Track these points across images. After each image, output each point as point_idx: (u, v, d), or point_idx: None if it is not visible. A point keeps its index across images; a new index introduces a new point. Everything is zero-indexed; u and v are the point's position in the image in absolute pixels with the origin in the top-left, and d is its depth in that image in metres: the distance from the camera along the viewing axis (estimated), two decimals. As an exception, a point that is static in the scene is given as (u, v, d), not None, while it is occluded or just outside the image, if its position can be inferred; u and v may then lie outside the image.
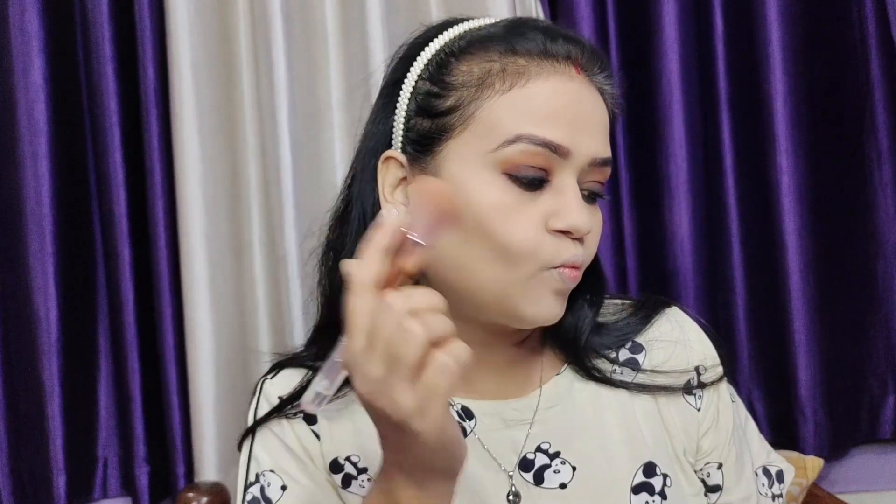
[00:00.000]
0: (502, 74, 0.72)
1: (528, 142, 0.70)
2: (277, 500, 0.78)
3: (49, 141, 1.31)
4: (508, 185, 0.71)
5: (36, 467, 1.31)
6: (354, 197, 0.77)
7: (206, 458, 1.28)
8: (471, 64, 0.74)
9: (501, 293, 0.72)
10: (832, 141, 1.23)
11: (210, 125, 1.32)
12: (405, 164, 0.75)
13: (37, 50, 1.31)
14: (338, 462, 0.79)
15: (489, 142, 0.71)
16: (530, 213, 0.71)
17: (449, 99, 0.73)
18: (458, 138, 0.72)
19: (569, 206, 0.71)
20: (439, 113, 0.73)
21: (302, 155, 1.32)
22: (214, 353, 1.30)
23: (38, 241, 1.30)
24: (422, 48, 0.78)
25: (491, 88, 0.72)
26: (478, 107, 0.72)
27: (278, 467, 0.79)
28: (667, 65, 1.24)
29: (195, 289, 1.30)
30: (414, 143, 0.75)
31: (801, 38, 1.22)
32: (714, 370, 0.84)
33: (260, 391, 0.83)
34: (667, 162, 1.25)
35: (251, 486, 0.79)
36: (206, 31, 1.32)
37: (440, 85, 0.74)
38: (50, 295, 1.30)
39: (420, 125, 0.75)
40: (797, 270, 1.23)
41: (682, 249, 1.25)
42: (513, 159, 0.70)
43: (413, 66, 0.77)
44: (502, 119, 0.71)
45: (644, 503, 0.78)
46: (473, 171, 0.71)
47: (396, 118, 0.76)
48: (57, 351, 1.30)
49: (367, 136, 0.79)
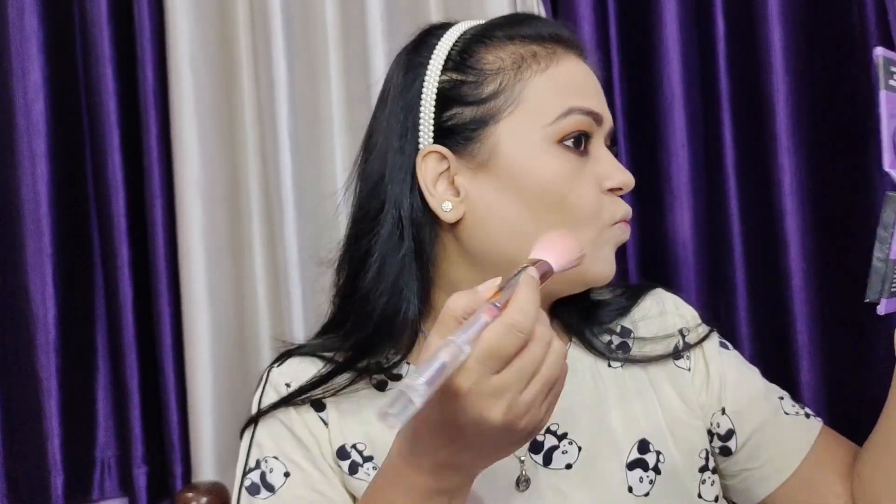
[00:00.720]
0: (535, 57, 0.78)
1: (578, 112, 0.78)
2: (280, 487, 0.78)
3: (47, 141, 1.31)
4: (565, 153, 0.77)
5: (33, 468, 1.30)
6: (390, 199, 0.78)
7: (204, 459, 1.28)
8: (497, 51, 0.78)
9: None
10: (834, 140, 1.22)
11: (209, 125, 1.31)
12: (448, 156, 0.77)
13: (35, 50, 1.30)
14: (345, 449, 0.79)
15: (543, 117, 0.77)
16: (587, 177, 0.78)
17: (489, 85, 0.77)
18: (508, 119, 0.77)
19: (614, 165, 0.80)
20: (481, 100, 0.77)
21: (302, 155, 1.31)
22: (213, 354, 1.30)
23: (36, 241, 1.30)
24: (433, 45, 0.80)
25: (529, 69, 0.78)
26: (523, 87, 0.77)
27: (282, 454, 0.79)
28: (668, 64, 1.24)
29: (194, 289, 1.29)
30: (454, 133, 0.77)
31: (803, 37, 1.22)
32: (696, 330, 0.92)
33: (266, 378, 0.83)
34: (668, 161, 1.24)
35: (250, 471, 0.79)
36: (205, 31, 1.32)
37: (472, 73, 0.78)
38: (48, 295, 1.30)
39: (460, 115, 0.77)
40: (799, 271, 1.22)
41: (684, 249, 1.24)
42: (567, 129, 0.77)
43: (431, 63, 0.79)
44: (550, 95, 0.77)
45: (638, 479, 0.82)
46: (532, 146, 0.77)
47: (423, 115, 0.78)
48: (55, 351, 1.30)
49: (387, 140, 0.80)
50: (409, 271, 0.78)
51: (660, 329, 0.91)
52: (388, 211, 0.78)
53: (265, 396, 0.83)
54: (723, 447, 0.89)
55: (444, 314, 0.60)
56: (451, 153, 0.78)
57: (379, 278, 0.78)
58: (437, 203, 0.78)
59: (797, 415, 0.90)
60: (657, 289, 0.95)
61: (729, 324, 1.25)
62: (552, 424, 0.82)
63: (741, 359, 0.95)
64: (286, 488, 0.78)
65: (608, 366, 0.87)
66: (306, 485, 0.78)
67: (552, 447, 0.81)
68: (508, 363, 0.57)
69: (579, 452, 0.81)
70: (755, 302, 1.26)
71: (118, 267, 1.32)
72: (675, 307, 0.94)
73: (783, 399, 0.92)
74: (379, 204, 0.79)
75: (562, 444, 0.81)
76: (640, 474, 0.82)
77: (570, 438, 0.82)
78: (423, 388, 0.51)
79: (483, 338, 0.57)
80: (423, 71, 0.79)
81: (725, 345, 0.94)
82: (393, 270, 0.78)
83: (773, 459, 0.88)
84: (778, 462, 0.88)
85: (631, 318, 0.91)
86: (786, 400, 0.92)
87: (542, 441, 0.81)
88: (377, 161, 0.81)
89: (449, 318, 0.59)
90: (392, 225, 0.78)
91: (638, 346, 0.89)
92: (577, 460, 0.81)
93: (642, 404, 0.85)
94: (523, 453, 0.81)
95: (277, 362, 0.85)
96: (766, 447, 0.88)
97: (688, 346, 0.90)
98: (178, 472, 1.31)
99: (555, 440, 0.82)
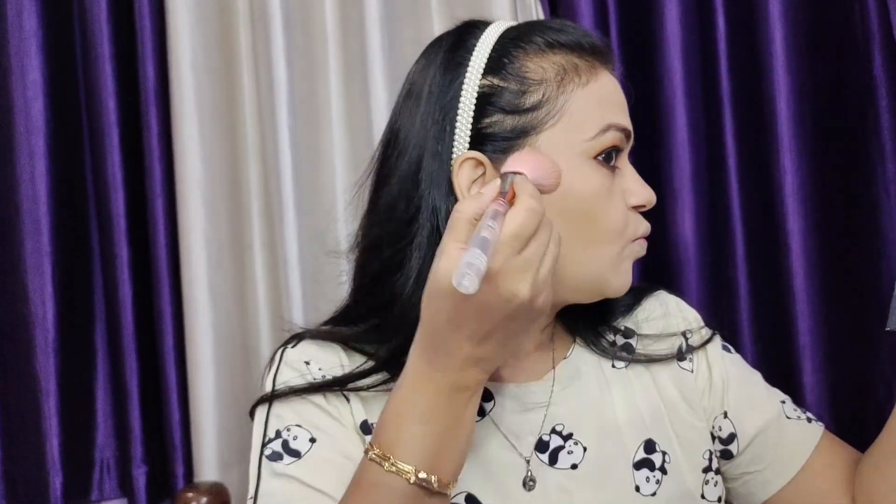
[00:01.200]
0: (576, 70, 0.79)
1: (615, 129, 0.79)
2: (307, 452, 0.76)
3: (47, 140, 1.31)
4: (600, 169, 0.78)
5: (32, 468, 1.30)
6: (423, 202, 0.77)
7: (205, 459, 1.28)
8: (539, 60, 0.78)
9: (596, 272, 0.78)
10: (836, 140, 1.22)
11: (210, 125, 1.31)
12: (485, 162, 0.76)
13: (35, 49, 1.30)
14: (367, 424, 0.79)
15: (583, 133, 0.77)
16: (617, 193, 0.79)
17: (532, 95, 0.77)
18: (549, 131, 0.77)
19: (638, 182, 0.81)
20: (524, 109, 0.76)
21: (302, 155, 1.31)
22: (214, 354, 1.29)
23: (35, 240, 1.30)
24: (473, 46, 0.79)
25: (571, 83, 0.78)
26: (565, 100, 0.77)
27: (306, 421, 0.78)
28: (669, 64, 1.23)
29: (195, 289, 1.29)
30: (493, 140, 0.77)
31: (804, 37, 1.21)
32: (699, 333, 0.92)
33: (281, 358, 0.82)
34: (669, 162, 1.24)
35: (270, 441, 0.77)
36: (206, 31, 1.32)
37: (514, 80, 0.77)
38: (47, 295, 1.29)
39: (500, 123, 0.77)
40: (801, 271, 1.22)
41: (685, 250, 1.24)
42: (605, 146, 0.78)
43: (471, 64, 0.78)
44: (590, 110, 0.78)
45: (645, 478, 0.82)
46: (571, 161, 0.76)
47: (460, 118, 0.77)
48: (54, 351, 1.29)
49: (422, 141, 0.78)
50: None
51: (663, 330, 0.91)
52: (424, 216, 0.77)
53: (280, 375, 0.81)
54: (724, 450, 0.89)
55: (456, 218, 0.64)
56: (488, 160, 0.76)
57: (418, 286, 0.76)
58: None
59: (799, 419, 0.90)
60: (660, 290, 0.96)
61: (730, 325, 1.25)
62: (557, 425, 0.82)
63: (743, 362, 0.95)
64: (313, 453, 0.76)
65: (612, 366, 0.88)
66: (334, 449, 0.77)
67: (558, 447, 0.81)
68: (528, 243, 0.63)
69: (584, 452, 0.81)
70: (757, 303, 1.25)
71: (118, 267, 1.32)
72: (679, 309, 0.94)
73: (785, 403, 0.92)
74: (413, 208, 0.77)
75: (567, 445, 0.81)
76: (646, 474, 0.82)
77: (575, 439, 0.82)
78: (481, 255, 0.57)
79: (508, 220, 0.62)
80: (463, 72, 0.77)
81: (728, 348, 0.94)
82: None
83: (775, 463, 0.88)
84: (779, 466, 0.88)
85: (634, 318, 0.92)
86: (787, 404, 0.92)
87: (547, 441, 0.81)
88: (410, 163, 0.78)
89: (462, 220, 0.64)
90: (430, 231, 0.77)
91: (642, 346, 0.89)
92: (583, 460, 0.81)
93: (647, 404, 0.86)
94: (529, 453, 0.80)
95: (290, 343, 0.83)
96: (768, 451, 0.88)
97: (691, 348, 0.90)
98: (179, 473, 1.31)
99: (560, 440, 0.82)
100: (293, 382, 0.79)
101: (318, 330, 0.85)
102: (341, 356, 0.82)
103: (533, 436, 0.81)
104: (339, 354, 0.82)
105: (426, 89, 0.79)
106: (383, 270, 0.79)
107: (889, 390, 1.22)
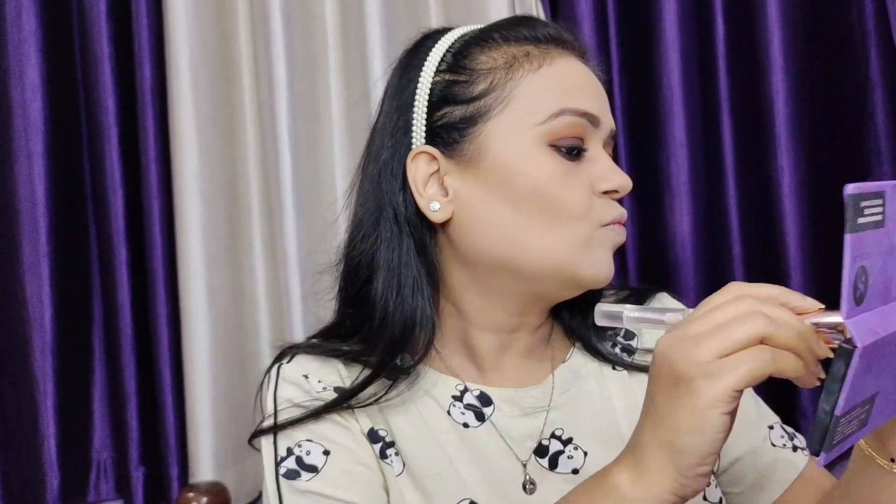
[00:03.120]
0: (528, 56, 0.77)
1: (571, 114, 0.75)
2: (324, 466, 0.75)
3: (45, 140, 1.30)
4: (555, 156, 0.75)
5: (29, 469, 1.29)
6: (385, 200, 0.78)
7: (201, 461, 1.27)
8: (490, 52, 0.78)
9: (562, 258, 0.75)
10: (832, 140, 1.23)
11: (208, 124, 1.31)
12: (437, 156, 0.77)
13: (33, 49, 1.30)
14: (374, 431, 0.78)
15: (533, 117, 0.75)
16: (578, 179, 0.76)
17: (479, 84, 0.77)
18: (497, 118, 0.76)
19: (610, 168, 0.78)
20: (471, 98, 0.76)
21: (301, 154, 1.31)
22: (211, 355, 1.29)
23: (32, 240, 1.29)
24: (430, 48, 0.80)
25: (521, 69, 0.76)
26: (514, 86, 0.76)
27: (316, 435, 0.76)
28: (667, 64, 1.24)
29: (192, 289, 1.29)
30: (444, 133, 0.77)
31: (802, 38, 1.22)
32: None
33: (277, 374, 0.81)
34: (667, 161, 1.25)
35: (283, 460, 0.76)
36: (204, 30, 1.32)
37: (465, 73, 0.77)
38: (44, 295, 1.29)
39: (450, 114, 0.77)
40: (798, 271, 1.22)
41: (683, 249, 1.25)
42: (558, 131, 0.75)
43: (426, 64, 0.79)
44: (541, 95, 0.76)
45: None
46: (522, 146, 0.75)
47: (415, 115, 0.78)
48: (51, 352, 1.29)
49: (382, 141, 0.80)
50: (416, 275, 0.77)
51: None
52: (385, 213, 0.78)
53: (280, 391, 0.80)
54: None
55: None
56: (440, 154, 0.77)
57: (389, 284, 0.77)
58: (425, 203, 0.77)
59: (784, 447, 0.87)
60: (662, 293, 0.94)
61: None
62: (557, 430, 0.81)
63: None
64: (330, 465, 0.75)
65: (613, 369, 0.86)
66: (350, 459, 0.75)
67: (558, 451, 0.80)
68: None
69: (585, 458, 0.80)
70: (754, 302, 1.26)
71: (116, 267, 1.31)
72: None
73: (773, 429, 0.88)
74: (377, 206, 0.79)
75: (567, 449, 0.80)
76: None
77: (575, 444, 0.81)
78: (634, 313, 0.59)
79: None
80: (418, 73, 0.79)
81: None
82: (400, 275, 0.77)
83: (754, 489, 0.86)
84: (758, 492, 0.86)
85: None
86: (775, 429, 0.88)
87: (547, 445, 0.80)
88: (377, 164, 0.80)
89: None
90: (390, 227, 0.78)
91: (641, 353, 0.87)
92: (584, 466, 0.80)
93: None
94: (527, 457, 0.80)
95: (285, 359, 0.83)
96: (748, 475, 0.86)
97: None
98: (175, 474, 1.30)
99: (560, 445, 0.80)
100: (295, 398, 0.78)
101: (310, 344, 0.84)
102: (339, 367, 0.81)
103: (532, 440, 0.80)
104: (337, 365, 0.81)
105: (387, 94, 0.82)
106: (362, 276, 0.79)
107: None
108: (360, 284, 0.79)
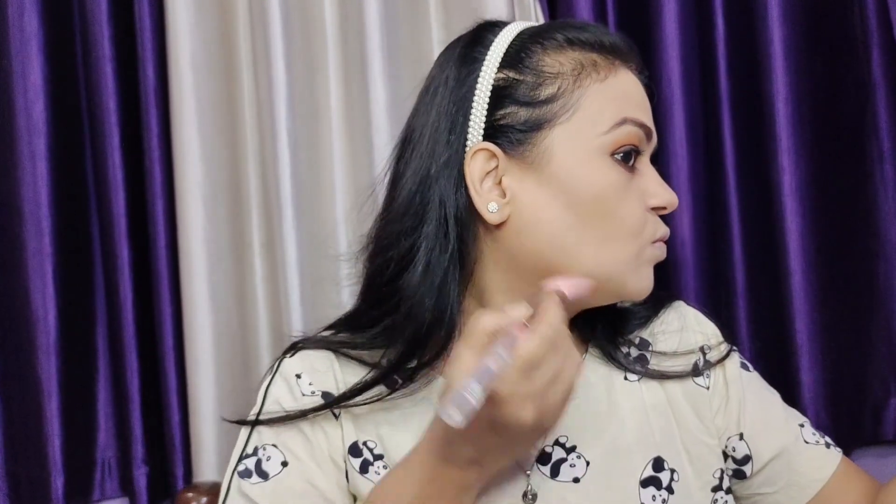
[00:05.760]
0: (595, 66, 0.78)
1: (632, 124, 0.77)
2: (275, 475, 0.76)
3: (47, 141, 1.30)
4: (616, 166, 0.76)
5: (33, 469, 1.30)
6: (434, 194, 0.77)
7: (205, 460, 1.27)
8: (556, 55, 0.78)
9: (612, 271, 0.76)
10: (834, 140, 1.23)
11: (210, 125, 1.31)
12: (499, 155, 0.76)
13: (35, 50, 1.30)
14: (357, 446, 0.78)
15: (598, 125, 0.76)
16: (634, 192, 0.77)
17: (547, 87, 0.76)
18: (563, 126, 0.76)
19: (659, 184, 0.80)
20: (538, 101, 0.76)
21: (301, 155, 1.31)
22: (214, 354, 1.30)
23: (36, 241, 1.29)
24: (490, 41, 0.79)
25: (588, 78, 0.77)
26: (581, 94, 0.76)
27: (282, 443, 0.78)
28: (667, 64, 1.24)
29: (195, 289, 1.29)
30: (507, 132, 0.76)
31: (803, 37, 1.22)
32: (718, 349, 0.89)
33: (278, 368, 0.82)
34: (668, 161, 1.24)
35: (246, 457, 0.78)
36: (205, 31, 1.32)
37: (530, 73, 0.77)
38: (48, 296, 1.29)
39: (514, 115, 0.76)
40: (799, 271, 1.22)
41: (683, 249, 1.24)
42: (620, 140, 0.76)
43: (487, 58, 0.78)
44: (606, 105, 0.76)
45: (651, 497, 0.80)
46: (586, 154, 0.76)
47: (475, 110, 0.77)
48: (55, 352, 1.29)
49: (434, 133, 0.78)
50: (451, 273, 0.76)
51: (680, 345, 0.88)
52: (433, 207, 0.76)
53: (272, 386, 0.81)
54: (737, 470, 0.86)
55: (474, 326, 0.65)
56: (501, 152, 0.76)
57: (425, 279, 0.76)
58: (482, 203, 0.76)
59: (817, 444, 0.88)
60: (678, 301, 0.93)
61: (728, 324, 1.25)
62: (561, 437, 0.80)
63: (762, 381, 0.92)
64: (280, 477, 0.76)
65: (624, 378, 0.85)
66: (302, 477, 0.77)
67: (560, 459, 0.79)
68: (539, 370, 0.63)
69: (588, 466, 0.79)
70: (754, 302, 1.26)
71: (118, 267, 1.32)
72: (697, 323, 0.91)
73: (804, 426, 0.89)
74: (424, 201, 0.77)
75: (570, 458, 0.80)
76: (652, 492, 0.80)
77: (578, 452, 0.80)
78: (478, 391, 0.59)
79: (521, 349, 0.62)
80: (479, 66, 0.77)
81: (746, 366, 0.91)
82: (439, 271, 0.76)
83: (789, 488, 0.86)
84: (793, 491, 0.86)
85: (650, 329, 0.89)
86: (806, 427, 0.89)
87: (550, 453, 0.79)
88: (423, 156, 0.78)
89: (479, 332, 0.64)
90: (438, 222, 0.76)
91: (656, 361, 0.86)
92: (586, 474, 0.79)
93: (658, 420, 0.83)
94: (530, 467, 0.79)
95: (289, 353, 0.83)
96: (783, 475, 0.86)
97: (708, 364, 0.87)
98: (179, 473, 1.31)
99: (563, 452, 0.80)
100: (282, 399, 0.80)
101: (318, 338, 0.84)
102: (335, 369, 0.81)
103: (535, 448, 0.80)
104: (333, 366, 0.81)
105: (442, 84, 0.79)
106: (394, 268, 0.78)
107: (885, 389, 1.23)
108: (391, 277, 0.78)
